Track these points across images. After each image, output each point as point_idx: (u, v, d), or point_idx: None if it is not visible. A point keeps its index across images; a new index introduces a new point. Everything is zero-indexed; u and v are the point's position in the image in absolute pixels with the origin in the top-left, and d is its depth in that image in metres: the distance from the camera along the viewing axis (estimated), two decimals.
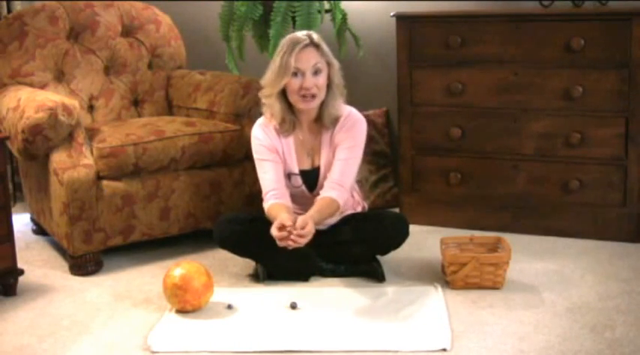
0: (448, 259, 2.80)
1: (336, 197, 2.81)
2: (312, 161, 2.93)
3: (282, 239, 2.63)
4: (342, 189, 2.83)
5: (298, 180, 2.92)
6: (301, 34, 2.85)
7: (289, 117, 2.88)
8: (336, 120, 2.89)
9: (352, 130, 2.89)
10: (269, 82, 2.85)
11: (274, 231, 2.63)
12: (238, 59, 3.68)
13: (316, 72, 2.80)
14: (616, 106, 3.20)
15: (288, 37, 2.86)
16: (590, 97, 3.22)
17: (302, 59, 2.79)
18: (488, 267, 2.77)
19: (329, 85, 2.85)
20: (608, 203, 3.27)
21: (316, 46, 2.82)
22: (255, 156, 2.93)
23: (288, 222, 2.63)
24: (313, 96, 2.81)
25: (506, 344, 2.38)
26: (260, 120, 2.95)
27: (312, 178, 2.93)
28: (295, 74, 2.79)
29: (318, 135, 2.92)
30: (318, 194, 2.88)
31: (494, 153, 3.41)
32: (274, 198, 2.84)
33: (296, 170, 2.92)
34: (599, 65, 3.19)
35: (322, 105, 2.87)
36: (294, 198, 2.95)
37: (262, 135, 2.91)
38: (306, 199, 2.93)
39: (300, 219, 2.66)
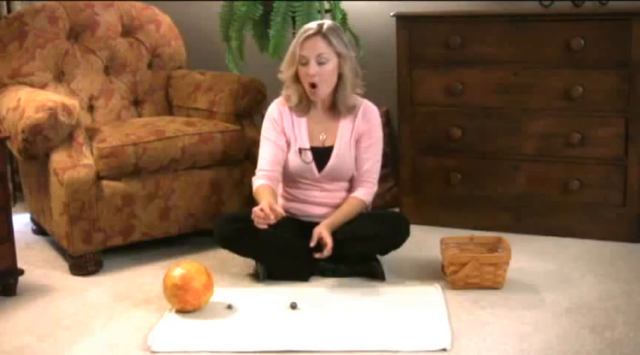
0: (448, 259, 2.80)
1: (362, 196, 2.97)
2: (323, 141, 2.98)
3: (257, 217, 2.69)
4: (371, 185, 3.00)
5: (309, 156, 2.95)
6: (315, 22, 2.92)
7: (305, 100, 2.96)
8: (351, 108, 2.96)
9: (372, 121, 2.98)
10: (284, 67, 2.96)
11: (257, 209, 2.70)
12: (238, 59, 3.68)
13: (321, 61, 2.85)
14: (616, 106, 3.20)
15: (305, 25, 2.95)
16: (590, 97, 3.22)
17: (306, 47, 2.86)
18: (488, 267, 2.77)
19: (340, 76, 2.90)
20: (608, 203, 3.27)
21: (324, 35, 2.86)
22: (262, 132, 3.01)
23: (268, 209, 2.69)
24: (313, 85, 2.87)
25: (506, 344, 2.38)
26: (278, 99, 3.03)
27: (322, 156, 2.96)
28: (304, 63, 2.86)
29: (335, 118, 2.99)
30: (325, 176, 2.95)
31: (494, 153, 3.41)
32: (265, 179, 2.91)
33: (307, 145, 2.96)
34: (599, 65, 3.19)
35: (335, 93, 2.93)
36: (301, 179, 2.98)
37: (277, 114, 2.99)
38: (313, 179, 2.97)
39: (315, 233, 2.83)
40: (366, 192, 2.99)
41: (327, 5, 3.63)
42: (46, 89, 3.36)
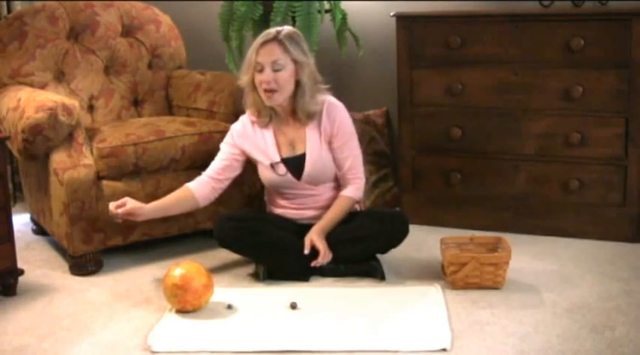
0: (448, 259, 2.80)
1: (351, 194, 2.96)
2: (293, 150, 2.96)
3: (112, 211, 2.80)
4: (358, 181, 2.98)
5: (282, 168, 2.94)
6: (274, 29, 2.91)
7: (264, 109, 2.95)
8: (311, 115, 2.93)
9: (340, 124, 2.94)
10: (241, 74, 2.95)
11: (112, 205, 2.83)
12: (238, 59, 3.67)
13: (276, 68, 2.84)
14: (616, 106, 3.20)
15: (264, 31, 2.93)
16: (590, 97, 3.22)
17: (262, 54, 2.85)
18: (488, 267, 2.77)
19: (297, 83, 2.88)
20: (608, 203, 3.27)
21: (280, 42, 2.84)
22: (223, 142, 3.04)
23: (129, 205, 2.81)
24: (272, 91, 2.85)
25: (506, 344, 2.38)
26: (237, 122, 3.05)
27: (296, 165, 2.94)
28: (260, 70, 2.85)
29: (300, 125, 2.96)
30: (306, 181, 2.93)
31: (494, 153, 3.41)
32: (195, 182, 2.97)
33: (277, 158, 2.94)
34: (599, 65, 3.19)
35: (294, 100, 2.91)
36: (284, 190, 2.96)
37: (237, 128, 3.02)
38: (295, 188, 2.96)
39: (307, 240, 2.84)
40: (354, 189, 2.97)
41: (327, 5, 3.63)
42: (46, 89, 3.36)
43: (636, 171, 3.21)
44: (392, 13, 3.49)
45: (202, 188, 2.96)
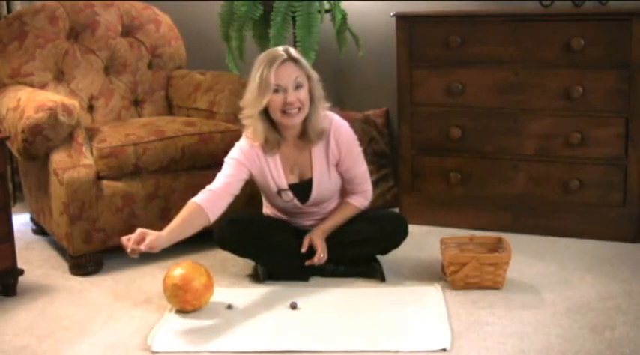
0: (448, 259, 2.80)
1: (357, 203, 2.95)
2: (299, 174, 2.89)
3: (134, 247, 2.56)
4: (367, 191, 2.96)
5: (289, 195, 2.89)
6: (279, 49, 2.78)
7: (273, 136, 2.82)
8: (321, 133, 2.83)
9: (348, 145, 2.86)
10: (249, 102, 2.77)
11: (124, 239, 2.57)
12: (238, 59, 3.68)
13: (297, 86, 2.74)
14: (616, 106, 3.20)
15: (264, 54, 2.79)
16: (590, 97, 3.22)
17: (282, 75, 2.72)
18: (488, 267, 2.77)
19: (311, 99, 2.79)
20: (608, 203, 3.27)
21: (294, 60, 2.75)
22: (227, 157, 2.86)
23: (126, 240, 2.57)
24: (299, 109, 2.75)
25: (506, 344, 2.38)
26: (242, 142, 2.86)
27: (303, 191, 2.89)
28: (276, 91, 2.72)
29: (305, 149, 2.87)
30: (311, 205, 2.90)
31: (494, 153, 3.41)
32: (202, 195, 2.76)
33: (285, 185, 2.88)
34: (599, 65, 3.19)
35: (305, 120, 2.80)
36: (287, 211, 2.95)
37: (248, 150, 2.84)
38: (299, 210, 2.94)
39: (306, 239, 2.84)
40: (362, 199, 2.95)
41: (327, 5, 3.63)
42: (46, 89, 3.36)
43: (636, 171, 3.21)
44: (392, 13, 3.49)
45: (210, 202, 2.76)
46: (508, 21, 3.30)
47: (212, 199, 2.77)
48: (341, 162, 2.89)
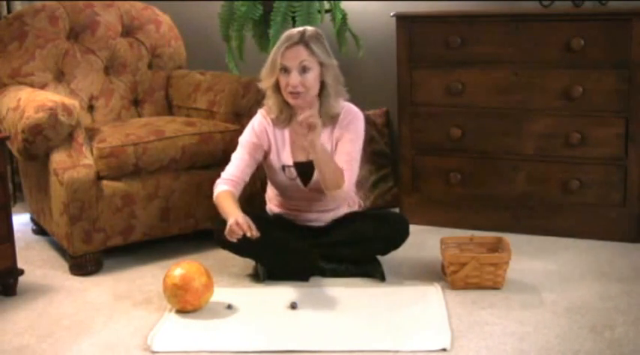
0: (448, 259, 2.80)
1: (344, 175, 2.78)
2: (307, 154, 2.88)
3: (232, 233, 2.63)
4: (347, 181, 2.79)
5: (293, 172, 2.91)
6: (297, 30, 2.84)
7: (286, 111, 2.89)
8: (334, 118, 2.88)
9: (351, 125, 2.88)
10: (263, 76, 2.89)
11: (232, 222, 2.63)
12: (238, 59, 3.68)
13: (304, 70, 2.78)
14: (616, 106, 3.20)
15: (286, 32, 2.86)
16: (590, 97, 3.22)
17: (288, 56, 2.78)
18: (488, 267, 2.77)
19: (322, 85, 2.83)
20: (608, 203, 3.27)
21: (306, 44, 2.79)
22: (242, 137, 2.93)
23: (245, 225, 2.62)
24: (298, 93, 2.80)
25: (506, 344, 2.38)
26: (255, 119, 2.96)
27: (306, 171, 2.90)
28: (285, 71, 2.80)
29: None
30: (312, 188, 2.89)
31: (494, 153, 3.41)
32: (230, 184, 2.84)
33: (290, 162, 2.90)
34: (599, 65, 3.19)
35: (318, 102, 2.85)
36: (289, 193, 2.95)
37: (258, 126, 2.91)
38: (300, 193, 2.93)
39: (303, 115, 2.67)
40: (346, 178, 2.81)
41: (327, 5, 3.63)
42: (46, 89, 3.36)
43: (636, 171, 3.21)
44: (392, 13, 3.49)
45: (237, 189, 2.86)
46: (508, 21, 3.30)
47: (237, 187, 2.86)
48: (340, 139, 2.87)
